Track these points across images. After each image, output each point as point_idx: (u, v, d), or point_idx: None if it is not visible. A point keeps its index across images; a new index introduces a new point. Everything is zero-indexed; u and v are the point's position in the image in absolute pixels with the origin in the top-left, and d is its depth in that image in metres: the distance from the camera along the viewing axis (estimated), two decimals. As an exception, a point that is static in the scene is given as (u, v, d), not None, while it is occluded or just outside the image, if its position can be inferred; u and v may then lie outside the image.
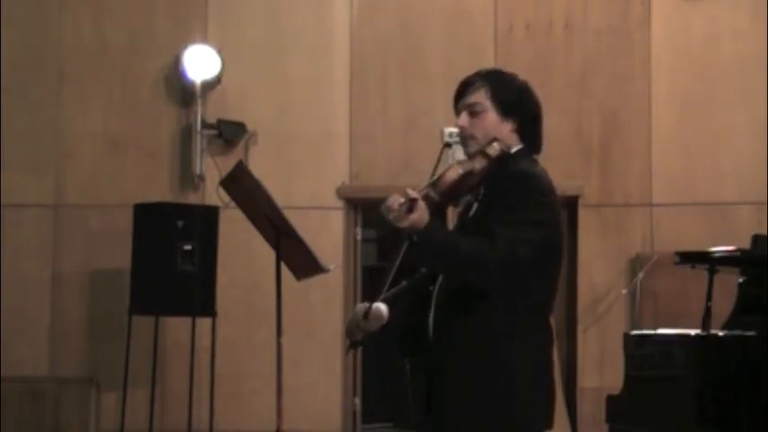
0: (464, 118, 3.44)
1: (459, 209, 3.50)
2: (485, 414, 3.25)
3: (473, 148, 3.40)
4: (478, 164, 3.33)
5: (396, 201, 3.16)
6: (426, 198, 3.20)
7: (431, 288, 3.43)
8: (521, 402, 3.25)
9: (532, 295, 3.31)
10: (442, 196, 3.26)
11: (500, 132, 3.41)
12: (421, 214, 3.16)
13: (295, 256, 5.17)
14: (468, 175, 3.30)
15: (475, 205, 3.40)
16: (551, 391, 3.36)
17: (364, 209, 8.82)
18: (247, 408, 8.40)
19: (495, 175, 3.34)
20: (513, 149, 3.42)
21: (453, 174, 3.28)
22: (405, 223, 3.16)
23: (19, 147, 8.70)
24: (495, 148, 3.36)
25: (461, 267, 3.25)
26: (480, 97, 3.42)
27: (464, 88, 3.47)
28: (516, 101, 3.43)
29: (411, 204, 3.14)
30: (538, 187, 3.31)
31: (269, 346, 5.76)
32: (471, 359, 3.27)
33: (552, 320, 3.43)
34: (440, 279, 3.41)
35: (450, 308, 3.34)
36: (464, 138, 3.44)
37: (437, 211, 3.26)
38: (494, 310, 3.26)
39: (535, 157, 3.49)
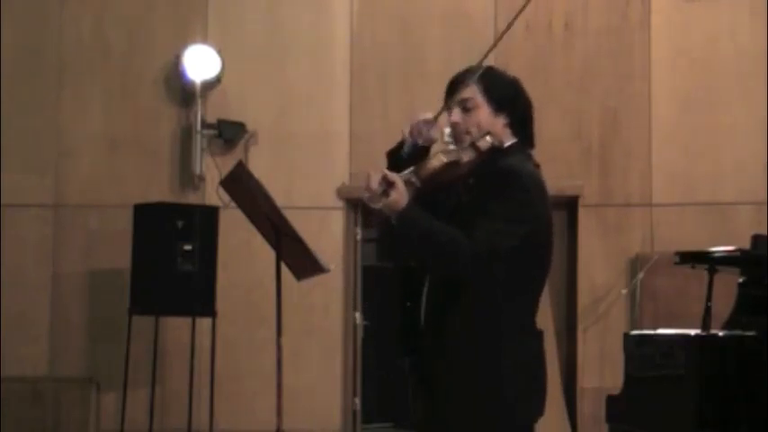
0: (457, 113, 3.43)
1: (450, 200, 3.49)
2: (472, 413, 3.25)
3: (467, 143, 3.40)
4: (466, 155, 3.31)
5: (375, 181, 3.17)
6: (407, 183, 3.19)
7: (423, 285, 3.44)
8: (508, 401, 3.25)
9: (520, 295, 3.31)
10: (424, 183, 3.23)
11: (493, 127, 3.41)
12: (398, 198, 3.16)
13: (295, 256, 5.17)
14: (453, 164, 3.27)
15: (462, 197, 3.39)
16: (542, 387, 3.36)
17: (364, 209, 8.82)
18: (247, 408, 8.40)
19: (484, 169, 3.33)
20: (506, 144, 3.42)
21: (436, 162, 3.26)
22: (378, 204, 3.16)
23: (19, 147, 8.71)
24: (486, 141, 3.35)
25: (435, 255, 3.23)
26: (473, 93, 3.42)
27: (455, 85, 3.47)
28: (508, 96, 3.44)
29: (387, 187, 3.14)
30: (523, 184, 3.29)
31: (269, 346, 5.76)
32: (459, 358, 3.27)
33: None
34: (428, 278, 3.40)
35: (440, 305, 3.34)
36: (458, 133, 3.43)
37: (420, 195, 3.24)
38: (482, 309, 3.26)
39: (530, 151, 3.48)
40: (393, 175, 3.17)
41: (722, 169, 8.50)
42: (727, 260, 6.01)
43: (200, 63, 8.59)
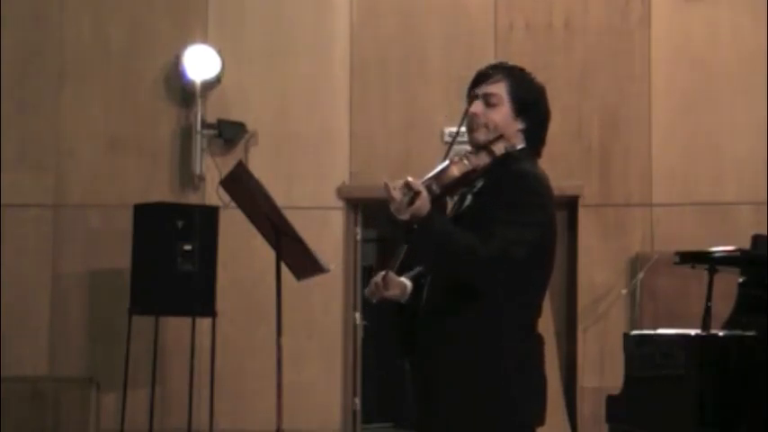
0: (479, 105, 3.42)
1: (453, 199, 3.51)
2: (473, 413, 3.25)
3: (481, 136, 3.39)
4: (482, 161, 3.34)
5: (398, 191, 3.17)
6: (428, 190, 3.22)
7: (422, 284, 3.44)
8: (509, 401, 3.25)
9: (521, 296, 3.31)
10: (443, 189, 3.28)
11: (509, 129, 3.40)
12: (422, 204, 3.17)
13: (295, 256, 5.17)
14: (471, 171, 3.32)
15: (469, 198, 3.40)
16: (542, 389, 3.36)
17: (364, 209, 8.82)
18: (247, 408, 8.40)
19: (495, 171, 3.34)
20: (517, 148, 3.42)
21: (457, 170, 3.29)
22: (406, 215, 3.17)
23: (19, 147, 8.71)
24: (500, 147, 3.37)
25: (454, 259, 3.23)
26: (499, 89, 3.41)
27: (483, 77, 3.45)
28: (532, 102, 3.44)
29: (413, 197, 3.16)
30: (536, 188, 3.31)
31: (269, 346, 5.76)
32: (459, 358, 3.27)
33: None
34: (429, 278, 3.41)
35: (440, 305, 3.34)
36: (474, 124, 3.41)
37: (436, 201, 3.27)
38: (483, 309, 3.26)
39: (536, 159, 3.49)
40: (417, 184, 3.18)
41: (722, 169, 8.50)
42: (727, 260, 6.01)
43: (200, 63, 8.59)
